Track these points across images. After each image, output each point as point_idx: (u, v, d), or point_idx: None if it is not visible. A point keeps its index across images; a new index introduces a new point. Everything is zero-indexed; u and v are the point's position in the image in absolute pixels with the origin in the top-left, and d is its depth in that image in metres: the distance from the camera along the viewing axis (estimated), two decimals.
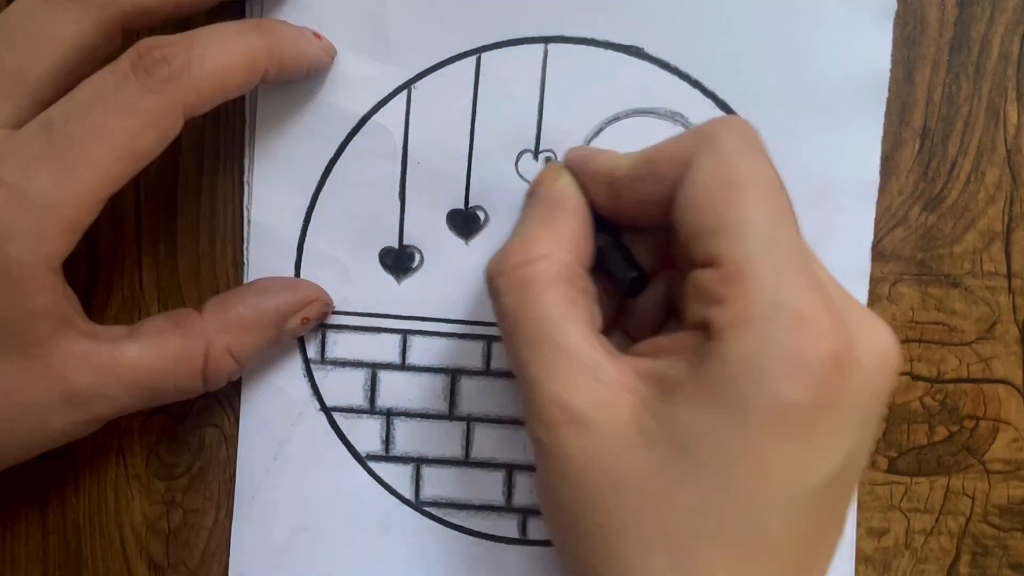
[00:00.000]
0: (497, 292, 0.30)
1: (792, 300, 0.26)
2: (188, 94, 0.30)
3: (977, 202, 0.36)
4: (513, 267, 0.29)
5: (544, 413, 0.28)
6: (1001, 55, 0.35)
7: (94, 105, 0.29)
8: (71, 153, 0.29)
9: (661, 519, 0.27)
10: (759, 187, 0.27)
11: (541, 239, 0.30)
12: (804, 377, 0.25)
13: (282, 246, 0.36)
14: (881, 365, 0.28)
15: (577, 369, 0.28)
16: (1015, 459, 0.37)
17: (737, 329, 0.26)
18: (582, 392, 0.28)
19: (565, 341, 0.28)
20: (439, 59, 0.36)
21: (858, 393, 0.27)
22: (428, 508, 0.37)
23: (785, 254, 0.27)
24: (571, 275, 0.30)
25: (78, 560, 0.37)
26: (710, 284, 0.27)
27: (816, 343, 0.26)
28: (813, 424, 0.26)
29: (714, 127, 0.29)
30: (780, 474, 0.26)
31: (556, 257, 0.29)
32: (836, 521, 0.28)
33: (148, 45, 0.29)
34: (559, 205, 0.31)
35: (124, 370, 0.31)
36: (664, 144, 0.30)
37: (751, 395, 0.26)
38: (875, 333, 0.28)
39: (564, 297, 0.29)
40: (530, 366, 0.29)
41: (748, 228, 0.27)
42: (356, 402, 0.37)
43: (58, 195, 0.29)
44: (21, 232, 0.29)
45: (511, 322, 0.29)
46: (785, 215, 0.27)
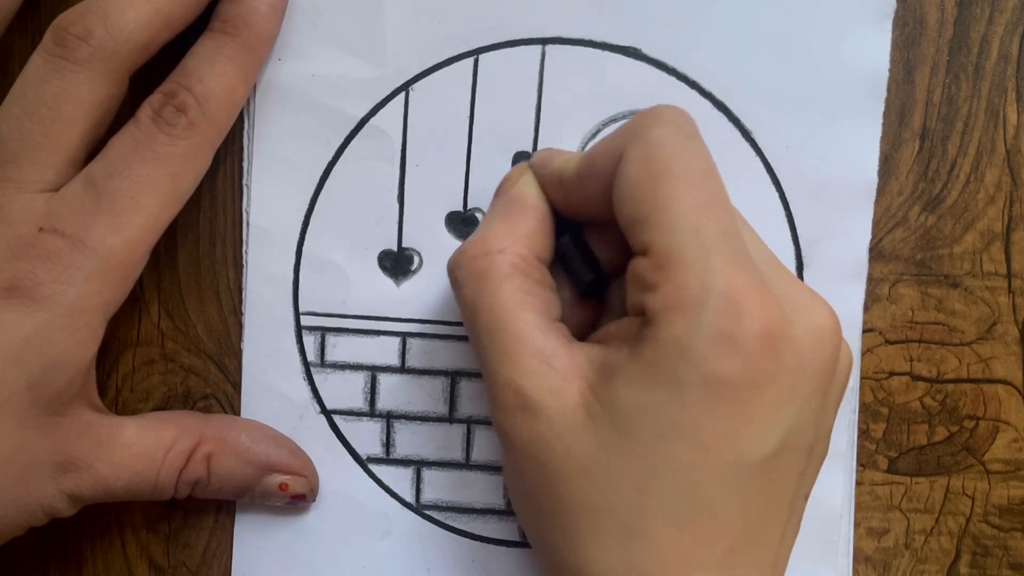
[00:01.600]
0: (457, 283, 0.31)
1: (720, 282, 0.27)
2: (211, 130, 0.32)
3: (977, 202, 0.36)
4: (471, 259, 0.31)
5: (501, 399, 0.29)
6: (1001, 55, 0.35)
7: (133, 159, 0.31)
8: (122, 204, 0.31)
9: (609, 498, 0.28)
10: (685, 174, 0.28)
11: (499, 234, 0.31)
12: (735, 354, 0.27)
13: (281, 249, 0.36)
14: (819, 343, 0.28)
15: (530, 356, 0.29)
16: (1015, 459, 0.37)
17: (669, 312, 0.27)
18: (534, 377, 0.29)
19: (519, 329, 0.30)
20: (436, 61, 0.36)
21: (794, 370, 0.28)
22: (429, 511, 0.37)
23: (713, 238, 0.27)
24: (527, 267, 0.31)
25: (78, 560, 0.37)
26: (644, 271, 0.28)
27: (746, 322, 0.27)
28: (747, 399, 0.27)
29: (643, 119, 0.29)
30: (718, 449, 0.27)
31: (512, 250, 0.31)
32: (783, 496, 0.29)
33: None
34: (518, 203, 0.32)
35: (118, 448, 0.33)
36: (602, 140, 0.30)
37: (684, 374, 0.27)
38: (813, 312, 0.29)
39: (519, 288, 0.30)
40: (487, 353, 0.30)
41: (675, 216, 0.27)
42: (356, 405, 0.37)
43: (115, 243, 0.31)
44: (83, 278, 0.31)
45: (470, 312, 0.31)
46: (713, 199, 0.28)
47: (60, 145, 0.31)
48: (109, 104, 0.32)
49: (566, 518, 0.29)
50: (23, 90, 0.31)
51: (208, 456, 0.34)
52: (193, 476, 0.34)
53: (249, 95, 0.35)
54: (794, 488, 0.29)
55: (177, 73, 0.32)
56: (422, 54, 0.36)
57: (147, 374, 0.37)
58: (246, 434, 0.35)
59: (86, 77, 0.31)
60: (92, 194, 0.31)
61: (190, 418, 0.35)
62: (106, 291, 0.31)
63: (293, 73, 0.36)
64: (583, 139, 0.36)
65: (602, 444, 0.28)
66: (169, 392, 0.37)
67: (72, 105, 0.31)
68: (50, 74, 0.31)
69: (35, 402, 0.31)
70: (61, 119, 0.31)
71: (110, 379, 0.37)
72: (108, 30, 0.31)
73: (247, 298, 0.36)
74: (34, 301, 0.30)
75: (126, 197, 0.31)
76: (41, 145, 0.31)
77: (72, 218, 0.31)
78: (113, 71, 0.31)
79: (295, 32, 0.35)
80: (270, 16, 0.33)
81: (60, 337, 0.31)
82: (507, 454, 0.30)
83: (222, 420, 0.36)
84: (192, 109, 0.32)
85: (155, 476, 0.33)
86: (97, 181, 0.31)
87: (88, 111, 0.31)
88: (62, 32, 0.31)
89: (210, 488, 0.34)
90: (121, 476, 0.33)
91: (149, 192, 0.31)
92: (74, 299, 0.31)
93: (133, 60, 0.32)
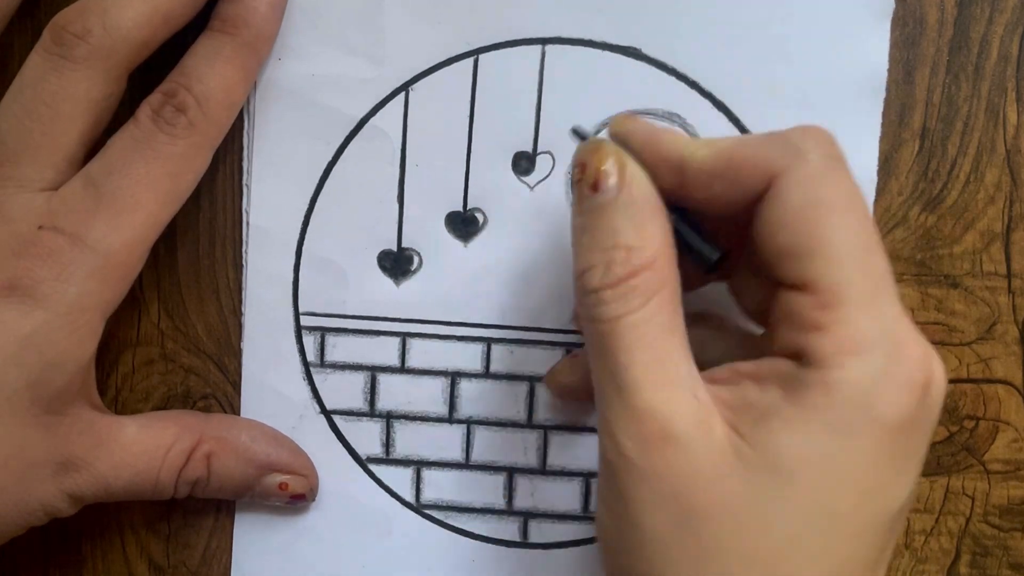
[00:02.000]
0: (601, 301, 0.28)
1: (891, 327, 0.26)
2: (210, 130, 0.32)
3: (977, 202, 0.36)
4: (620, 280, 0.28)
5: (637, 426, 0.27)
6: (1000, 55, 0.35)
7: (133, 157, 0.31)
8: (122, 203, 0.31)
9: (760, 545, 0.26)
10: (850, 209, 0.27)
11: (642, 247, 0.28)
12: (903, 402, 0.26)
13: (281, 249, 0.36)
14: (943, 392, 0.28)
15: (677, 383, 0.27)
16: (1015, 459, 0.37)
17: (841, 356, 0.26)
18: (681, 408, 0.27)
19: (667, 353, 0.27)
20: (436, 61, 0.36)
21: (934, 418, 0.27)
22: (429, 511, 0.37)
23: (879, 279, 0.27)
24: (673, 281, 0.28)
25: (78, 560, 0.37)
26: (806, 310, 0.26)
27: (913, 369, 0.26)
28: (906, 447, 0.27)
29: (801, 138, 0.28)
30: (875, 497, 0.27)
31: (659, 263, 0.28)
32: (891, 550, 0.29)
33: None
34: (648, 204, 0.29)
35: (118, 447, 0.33)
36: (745, 145, 0.28)
37: (857, 421, 0.26)
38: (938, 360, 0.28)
39: (668, 306, 0.28)
40: (624, 373, 0.27)
41: (843, 253, 0.26)
42: (356, 405, 0.37)
43: (116, 241, 0.31)
44: (83, 277, 0.31)
45: (610, 328, 0.28)
46: (875, 238, 0.27)
47: (59, 144, 0.31)
48: (108, 102, 0.32)
49: (705, 564, 0.27)
50: (22, 89, 0.31)
51: (208, 455, 0.34)
52: (193, 475, 0.34)
53: (249, 95, 0.35)
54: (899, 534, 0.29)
55: (176, 72, 0.32)
56: (422, 54, 0.36)
57: (147, 374, 0.37)
58: (246, 433, 0.35)
59: (84, 75, 0.31)
60: (92, 193, 0.31)
61: (190, 417, 0.35)
62: (106, 290, 0.31)
63: (293, 73, 0.36)
64: None
65: (755, 488, 0.26)
66: (169, 392, 0.37)
67: (71, 103, 0.31)
68: (48, 72, 0.31)
69: (35, 401, 0.31)
70: (60, 117, 0.31)
71: (110, 379, 0.37)
72: (106, 28, 0.31)
73: (247, 298, 0.36)
74: (34, 300, 0.30)
75: (126, 196, 0.31)
76: (40, 144, 0.31)
77: (72, 216, 0.31)
78: (111, 69, 0.31)
79: (295, 32, 0.35)
80: (269, 16, 0.33)
81: (60, 336, 0.31)
82: (627, 487, 0.27)
83: (222, 419, 0.36)
84: (191, 108, 0.32)
85: (155, 475, 0.33)
86: (97, 180, 0.31)
87: (87, 109, 0.31)
88: (60, 30, 0.31)
89: (210, 487, 0.34)
90: (121, 475, 0.33)
91: (148, 191, 0.31)
92: (74, 298, 0.31)
93: (131, 58, 0.32)
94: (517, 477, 0.37)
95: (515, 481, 0.37)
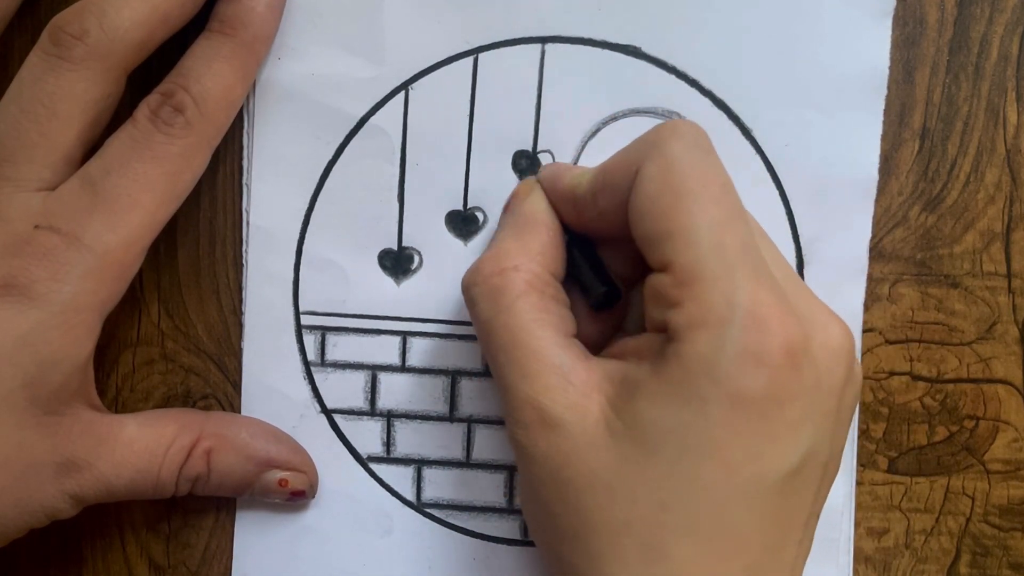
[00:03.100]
0: (472, 301, 0.31)
1: (745, 299, 0.27)
2: (208, 130, 0.32)
3: (977, 202, 0.36)
4: (486, 277, 0.31)
5: (519, 415, 0.29)
6: (1001, 55, 0.35)
7: (130, 157, 0.31)
8: (119, 202, 0.31)
9: (631, 515, 0.28)
10: (705, 190, 0.28)
11: (511, 251, 0.31)
12: (759, 372, 0.27)
13: (281, 248, 0.36)
14: (835, 360, 0.29)
15: (548, 372, 0.29)
16: (1015, 459, 0.37)
17: (693, 330, 0.27)
18: (553, 394, 0.29)
19: (536, 346, 0.30)
20: (436, 60, 0.36)
21: (813, 387, 0.28)
22: (429, 509, 0.37)
23: (735, 254, 0.27)
24: (541, 284, 0.31)
25: (78, 560, 0.37)
26: (665, 288, 0.28)
27: (770, 339, 0.27)
28: (770, 417, 0.27)
29: (660, 133, 0.29)
30: (741, 467, 0.27)
31: (526, 268, 0.31)
32: (800, 515, 0.29)
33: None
34: (529, 220, 0.32)
35: (119, 446, 0.33)
36: (616, 155, 0.31)
37: (709, 391, 0.27)
38: (829, 329, 0.29)
39: (534, 305, 0.30)
40: (504, 370, 0.30)
41: (696, 232, 0.28)
42: (357, 404, 0.37)
43: (112, 240, 0.31)
44: (79, 276, 0.31)
45: (486, 329, 0.31)
46: (733, 215, 0.28)
47: (56, 144, 0.31)
48: (106, 103, 0.32)
49: (586, 535, 0.28)
50: (20, 89, 0.31)
51: (208, 452, 0.34)
52: (193, 472, 0.34)
53: (248, 94, 0.35)
54: (810, 506, 0.29)
55: (175, 73, 0.32)
56: (422, 53, 0.36)
57: (147, 374, 0.37)
58: (245, 430, 0.35)
59: (82, 76, 0.31)
60: (89, 192, 0.31)
61: (189, 415, 0.35)
62: (102, 289, 0.31)
63: (293, 72, 0.36)
64: (583, 138, 0.36)
65: (624, 461, 0.28)
66: (169, 392, 0.37)
67: (68, 104, 0.31)
68: (46, 73, 0.31)
69: (32, 401, 0.31)
70: (57, 118, 0.31)
71: (110, 379, 0.37)
72: (104, 29, 0.31)
73: (247, 298, 0.36)
74: (29, 299, 0.30)
75: (123, 195, 0.31)
76: (38, 144, 0.31)
77: (68, 216, 0.31)
78: (109, 70, 0.31)
79: (295, 31, 0.35)
80: (267, 16, 0.33)
81: (55, 335, 0.31)
82: (525, 470, 0.30)
83: (221, 416, 0.36)
84: (189, 109, 0.32)
85: (156, 473, 0.33)
86: (94, 179, 0.31)
87: (84, 110, 0.31)
88: (58, 31, 0.31)
89: (210, 484, 0.34)
90: (123, 474, 0.33)
91: (146, 191, 0.31)
92: (69, 297, 0.31)
93: (129, 59, 0.32)
94: (518, 476, 0.37)
95: (516, 480, 0.37)
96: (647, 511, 0.28)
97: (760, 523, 0.28)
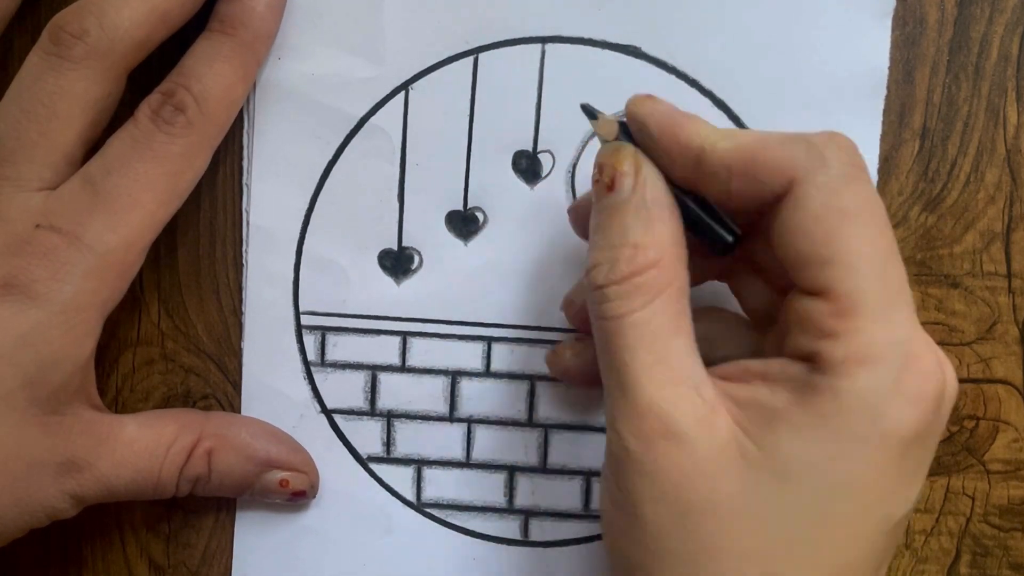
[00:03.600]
0: (604, 298, 0.28)
1: (904, 338, 0.26)
2: (209, 130, 0.32)
3: (977, 202, 0.36)
4: (624, 277, 0.28)
5: (639, 424, 0.27)
6: (1001, 55, 0.35)
7: (131, 156, 0.31)
8: (119, 201, 0.31)
9: (758, 545, 0.27)
10: (870, 219, 0.27)
11: (648, 246, 0.28)
12: (913, 414, 0.26)
13: (281, 248, 0.36)
14: (953, 400, 0.28)
15: (679, 382, 0.27)
16: (1015, 459, 0.37)
17: (852, 365, 0.26)
18: (684, 405, 0.27)
19: (669, 352, 0.28)
20: (436, 60, 0.36)
21: (943, 428, 0.28)
22: (430, 509, 0.37)
23: (895, 290, 0.27)
24: (680, 281, 0.29)
25: (78, 560, 0.37)
26: (820, 316, 0.27)
27: (923, 382, 0.26)
28: (909, 457, 0.27)
29: (825, 144, 0.27)
30: (877, 506, 0.27)
31: (665, 263, 0.28)
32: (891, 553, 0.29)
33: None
34: (654, 205, 0.29)
35: (119, 446, 0.33)
36: (766, 144, 0.28)
37: (865, 430, 0.26)
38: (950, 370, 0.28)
39: (673, 306, 0.28)
40: (628, 373, 0.28)
41: (861, 262, 0.26)
42: (357, 404, 0.37)
43: (113, 240, 0.31)
44: (79, 275, 0.31)
45: (613, 327, 0.28)
46: (893, 248, 0.27)
47: (57, 143, 0.31)
48: (106, 102, 0.32)
49: (703, 560, 0.27)
50: (20, 89, 0.31)
51: (209, 452, 0.34)
52: (194, 472, 0.34)
53: (248, 94, 0.35)
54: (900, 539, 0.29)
55: (175, 73, 0.32)
56: (422, 53, 0.36)
57: (147, 374, 0.37)
58: (246, 430, 0.35)
59: (82, 75, 0.31)
60: (89, 192, 0.31)
61: (190, 415, 0.35)
62: (103, 289, 0.31)
63: (293, 72, 0.36)
64: (583, 138, 0.36)
65: (758, 489, 0.27)
66: (169, 392, 0.37)
67: (68, 103, 0.31)
68: (46, 72, 0.31)
69: (32, 400, 0.31)
70: (57, 117, 0.31)
71: (110, 379, 0.37)
72: (104, 28, 0.31)
73: (247, 298, 0.36)
74: (29, 298, 0.30)
75: (123, 195, 0.31)
76: (38, 143, 0.31)
77: (69, 215, 0.31)
78: (109, 69, 0.31)
79: (295, 31, 0.35)
80: (267, 16, 0.33)
81: (56, 335, 0.31)
82: (632, 483, 0.28)
83: (222, 417, 0.36)
84: (190, 108, 0.32)
85: (157, 473, 0.33)
86: (95, 179, 0.31)
87: (84, 109, 0.31)
88: (58, 31, 0.31)
89: (210, 484, 0.34)
90: (123, 474, 0.33)
91: (147, 190, 0.31)
92: (70, 296, 0.31)
93: (129, 58, 0.32)
94: (518, 476, 0.37)
95: (516, 480, 0.37)
96: (775, 543, 0.27)
97: (876, 561, 0.27)
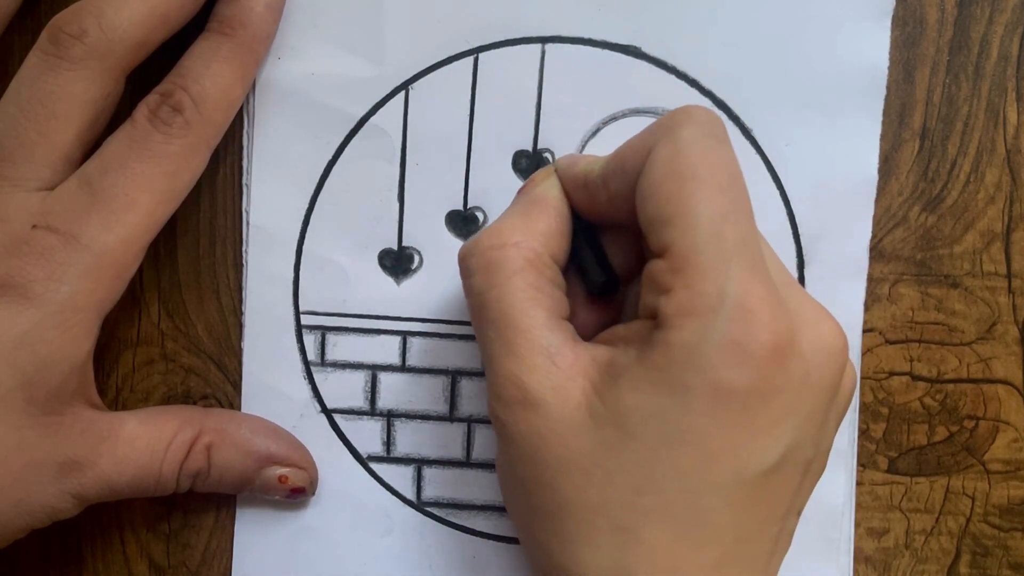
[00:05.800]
0: (467, 272, 0.31)
1: (736, 290, 0.27)
2: (207, 130, 0.32)
3: (977, 202, 0.36)
4: (484, 249, 0.30)
5: (501, 391, 0.29)
6: (1001, 55, 0.35)
7: (129, 156, 0.31)
8: (117, 201, 0.31)
9: (605, 497, 0.28)
10: (712, 178, 0.28)
11: (515, 228, 0.31)
12: (744, 364, 0.26)
13: (281, 248, 0.36)
14: (825, 359, 0.28)
15: (535, 352, 0.29)
16: (1015, 459, 0.37)
17: (681, 317, 0.27)
18: (538, 374, 0.29)
19: (526, 324, 0.29)
20: (436, 60, 0.36)
21: (799, 384, 0.28)
22: (430, 508, 0.37)
23: (733, 245, 0.27)
24: (540, 264, 0.30)
25: (78, 560, 0.37)
26: (659, 273, 0.28)
27: (757, 332, 0.27)
28: (753, 410, 0.27)
29: (675, 117, 0.29)
30: (720, 458, 0.27)
31: (526, 245, 0.30)
32: (778, 510, 0.29)
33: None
34: (538, 201, 0.32)
35: (120, 443, 0.33)
36: (631, 139, 0.30)
37: (693, 380, 0.27)
38: (821, 328, 0.29)
39: (530, 283, 0.30)
40: (492, 345, 0.30)
41: (697, 219, 0.27)
42: (357, 404, 0.37)
43: (110, 240, 0.31)
44: (76, 275, 0.31)
45: (479, 302, 0.30)
46: (736, 207, 0.28)
47: (55, 143, 0.31)
48: (105, 103, 0.32)
49: (559, 515, 0.29)
50: (19, 89, 0.31)
51: (209, 447, 0.34)
52: (194, 468, 0.34)
53: (248, 94, 0.35)
54: (788, 503, 0.29)
55: (174, 73, 0.32)
56: (422, 53, 0.36)
57: (147, 374, 0.37)
58: (246, 426, 0.35)
59: (80, 75, 0.31)
60: (87, 192, 0.31)
61: (190, 411, 0.35)
62: (100, 289, 0.31)
63: (293, 72, 0.36)
64: (583, 138, 0.36)
65: (602, 444, 0.28)
66: (169, 392, 0.37)
67: (67, 103, 0.31)
68: (45, 72, 0.31)
69: (30, 401, 0.31)
70: (56, 117, 0.31)
71: (110, 379, 0.37)
72: (103, 28, 0.31)
73: (247, 298, 0.36)
74: (26, 299, 0.30)
75: (121, 195, 0.31)
76: (36, 143, 0.31)
77: (66, 215, 0.31)
78: (108, 69, 0.31)
79: (295, 31, 0.35)
80: (266, 16, 0.34)
81: (53, 335, 0.31)
82: (502, 448, 0.30)
83: (221, 413, 0.36)
84: (188, 109, 0.32)
85: (158, 469, 0.33)
86: (92, 179, 0.31)
87: (83, 109, 0.31)
88: (57, 31, 0.31)
89: (210, 480, 0.34)
90: (124, 472, 0.33)
91: (144, 190, 0.31)
92: (67, 296, 0.31)
93: (128, 59, 0.32)
94: None
95: None
96: (622, 495, 0.28)
97: (735, 515, 0.28)
